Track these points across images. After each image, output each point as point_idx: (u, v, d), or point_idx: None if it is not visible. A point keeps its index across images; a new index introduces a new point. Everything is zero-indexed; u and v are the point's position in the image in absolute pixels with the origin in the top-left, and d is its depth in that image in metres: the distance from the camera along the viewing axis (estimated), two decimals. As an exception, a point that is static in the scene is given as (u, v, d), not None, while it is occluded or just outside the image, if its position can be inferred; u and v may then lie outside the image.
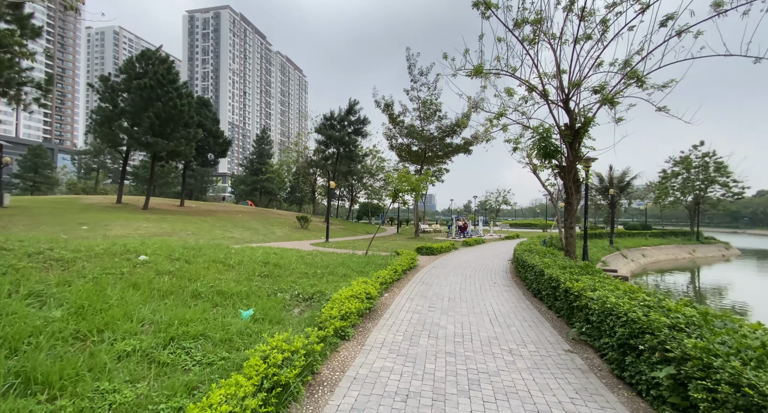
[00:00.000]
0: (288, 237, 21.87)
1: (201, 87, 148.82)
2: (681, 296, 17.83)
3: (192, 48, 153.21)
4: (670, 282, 22.46)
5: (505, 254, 16.60)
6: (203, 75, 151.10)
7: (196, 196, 62.83)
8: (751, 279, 24.06)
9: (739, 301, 16.55)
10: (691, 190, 40.32)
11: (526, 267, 8.45)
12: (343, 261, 10.39)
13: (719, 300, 16.88)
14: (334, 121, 33.59)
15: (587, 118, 8.78)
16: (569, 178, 9.09)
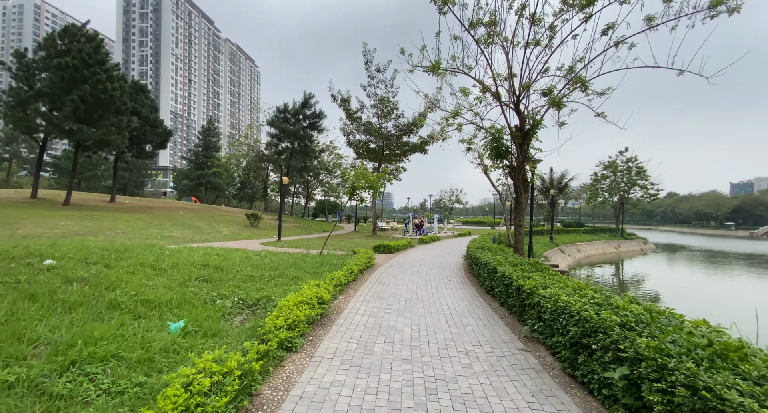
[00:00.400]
0: (235, 236, 20.44)
1: (138, 71, 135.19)
2: (610, 287, 19.73)
3: (128, 28, 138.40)
4: (599, 275, 24.76)
5: (459, 251, 17.00)
6: (141, 58, 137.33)
7: (131, 191, 56.82)
8: (662, 270, 27.36)
9: (654, 290, 18.72)
10: (617, 191, 45.18)
11: (479, 265, 8.57)
12: (296, 262, 9.80)
13: (639, 290, 18.90)
14: (288, 114, 32.12)
15: (535, 121, 9.12)
16: (519, 177, 9.40)
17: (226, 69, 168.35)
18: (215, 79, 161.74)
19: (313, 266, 9.35)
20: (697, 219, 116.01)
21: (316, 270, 8.85)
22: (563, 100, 8.33)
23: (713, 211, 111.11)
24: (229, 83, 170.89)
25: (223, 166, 39.72)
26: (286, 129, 30.60)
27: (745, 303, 16.63)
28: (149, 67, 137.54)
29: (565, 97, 8.44)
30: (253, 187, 48.55)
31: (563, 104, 8.41)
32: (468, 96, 9.84)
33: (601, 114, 9.65)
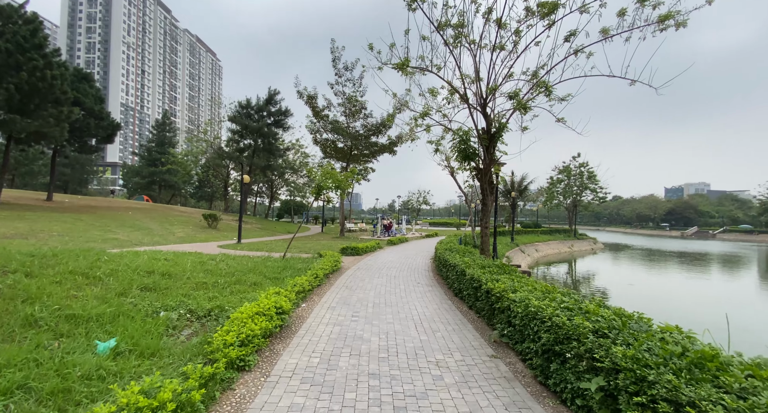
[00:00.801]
0: (191, 238, 19.06)
1: (85, 59, 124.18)
2: (563, 283, 20.85)
3: (74, 13, 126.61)
4: (556, 273, 26.10)
5: (427, 252, 17.01)
6: (88, 46, 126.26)
7: (73, 188, 51.68)
8: (610, 268, 29.38)
9: (605, 286, 20.09)
10: (570, 194, 48.16)
11: (447, 267, 8.48)
12: (255, 267, 9.16)
13: (591, 287, 20.17)
14: (251, 110, 30.67)
15: (501, 124, 9.23)
16: (485, 180, 9.47)
17: (185, 61, 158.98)
18: (172, 71, 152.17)
19: (275, 271, 8.78)
20: (638, 220, 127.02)
21: (277, 275, 8.30)
22: (528, 103, 8.48)
23: (651, 213, 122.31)
24: (187, 76, 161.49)
25: (179, 163, 37.08)
26: (249, 125, 29.19)
27: (680, 296, 18.44)
28: (97, 55, 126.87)
29: (530, 101, 8.60)
30: (213, 185, 45.97)
31: (529, 107, 8.56)
32: (436, 97, 9.77)
33: (562, 119, 9.97)
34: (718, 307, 15.45)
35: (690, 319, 12.59)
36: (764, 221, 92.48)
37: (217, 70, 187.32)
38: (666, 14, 7.69)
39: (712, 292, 19.76)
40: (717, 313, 13.90)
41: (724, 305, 16.37)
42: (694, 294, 19.04)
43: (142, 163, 48.52)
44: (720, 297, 18.28)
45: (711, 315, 13.89)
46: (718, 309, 15.14)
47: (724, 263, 33.20)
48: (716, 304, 16.30)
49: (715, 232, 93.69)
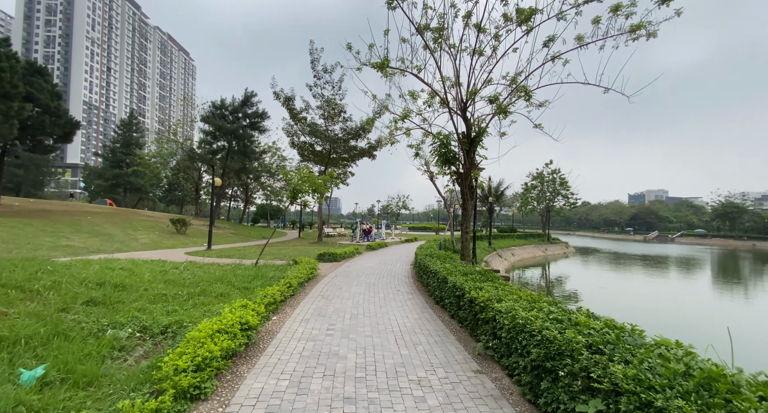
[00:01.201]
0: (156, 244, 17.89)
1: (43, 54, 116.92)
2: (540, 287, 21.28)
3: (31, 4, 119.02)
4: (531, 276, 26.67)
5: (407, 257, 16.77)
6: (47, 40, 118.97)
7: (27, 191, 47.94)
8: (582, 271, 30.37)
9: (577, 289, 20.76)
10: (544, 200, 49.76)
11: (428, 273, 8.22)
12: (224, 276, 8.54)
13: (566, 290, 20.71)
14: (225, 111, 29.54)
15: (481, 128, 9.16)
16: (466, 184, 9.34)
17: (155, 59, 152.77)
18: (141, 70, 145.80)
19: (245, 280, 8.21)
20: (605, 225, 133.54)
21: (247, 285, 7.74)
22: (508, 107, 8.44)
23: (617, 218, 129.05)
24: (158, 75, 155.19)
25: (145, 165, 35.02)
26: (223, 126, 28.06)
27: (647, 297, 19.33)
28: (57, 50, 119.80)
29: (511, 105, 8.58)
30: (184, 189, 43.90)
31: (509, 111, 8.53)
32: (416, 99, 9.60)
33: (539, 125, 10.04)
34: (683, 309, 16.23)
35: (659, 320, 13.11)
36: (716, 226, 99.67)
37: (191, 69, 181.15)
38: (637, 24, 7.89)
39: (675, 293, 20.78)
40: (683, 315, 14.69)
41: (687, 305, 17.19)
42: (659, 295, 19.95)
43: (106, 165, 45.66)
44: (682, 297, 19.21)
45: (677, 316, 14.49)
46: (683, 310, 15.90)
47: (682, 265, 35.27)
48: (681, 306, 17.12)
49: (674, 236, 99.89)
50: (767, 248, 72.54)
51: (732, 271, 31.50)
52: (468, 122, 9.23)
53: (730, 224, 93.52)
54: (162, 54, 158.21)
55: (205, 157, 27.88)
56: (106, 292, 6.09)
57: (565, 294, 19.37)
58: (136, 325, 4.90)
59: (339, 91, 24.01)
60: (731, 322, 14.19)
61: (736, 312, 16.23)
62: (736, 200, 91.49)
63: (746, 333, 11.60)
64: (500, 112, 8.39)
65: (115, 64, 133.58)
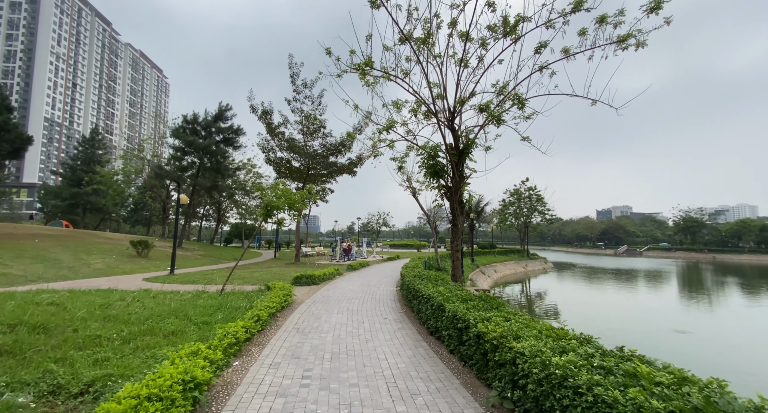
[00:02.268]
0: (111, 270, 16.02)
1: (2, 69, 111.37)
2: (518, 303, 20.83)
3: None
4: (517, 293, 26.26)
5: (391, 277, 15.80)
6: (7, 54, 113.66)
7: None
8: (562, 286, 30.36)
9: (558, 304, 20.85)
10: (521, 216, 50.59)
11: (419, 299, 7.33)
12: (180, 307, 7.28)
13: (546, 305, 20.61)
14: (197, 126, 28.12)
15: (470, 140, 8.64)
16: (455, 198, 8.70)
17: (125, 76, 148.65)
18: (110, 86, 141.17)
19: (206, 312, 6.99)
20: (578, 240, 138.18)
21: (207, 318, 6.54)
22: (500, 115, 7.98)
23: (588, 233, 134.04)
24: (128, 92, 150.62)
25: (107, 183, 32.45)
26: (195, 142, 26.57)
27: (625, 311, 19.42)
28: (18, 64, 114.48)
29: (502, 114, 8.12)
30: (151, 208, 41.17)
31: (503, 120, 8.06)
32: (401, 109, 9.03)
33: (527, 138, 9.68)
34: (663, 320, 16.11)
35: (653, 337, 12.80)
36: (678, 239, 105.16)
37: (164, 87, 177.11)
38: (626, 34, 7.75)
39: (650, 305, 21.10)
40: (661, 327, 14.68)
41: (665, 317, 17.15)
42: (635, 308, 20.17)
43: (64, 184, 42.31)
44: (656, 309, 19.27)
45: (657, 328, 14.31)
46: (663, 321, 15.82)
47: (656, 279, 36.35)
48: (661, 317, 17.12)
49: (642, 250, 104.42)
50: (726, 260, 76.94)
51: (710, 285, 32.49)
52: (456, 133, 8.70)
53: (692, 238, 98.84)
54: (133, 71, 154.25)
55: (174, 174, 26.10)
56: (19, 337, 4.78)
57: (548, 309, 19.27)
58: (46, 384, 3.69)
59: (319, 105, 23.41)
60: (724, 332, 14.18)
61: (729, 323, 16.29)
62: (695, 215, 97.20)
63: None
64: (492, 119, 7.90)
65: (81, 80, 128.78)
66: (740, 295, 25.54)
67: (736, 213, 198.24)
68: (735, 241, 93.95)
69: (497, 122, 8.10)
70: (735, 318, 17.88)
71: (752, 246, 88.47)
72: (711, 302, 22.25)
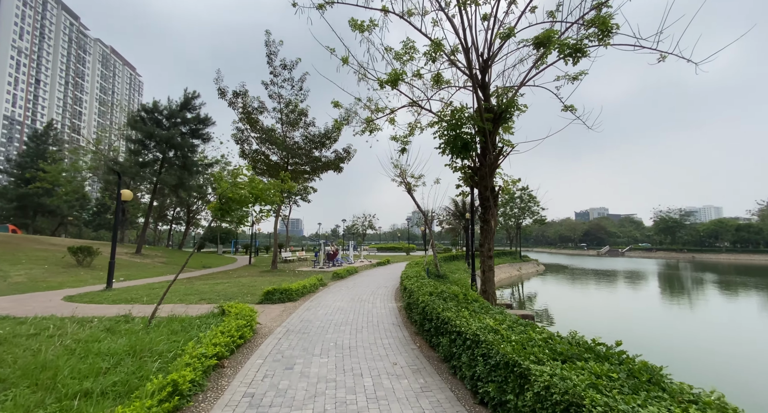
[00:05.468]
0: (32, 285, 12.64)
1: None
2: (539, 311, 18.71)
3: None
4: (516, 297, 24.12)
5: (385, 288, 13.13)
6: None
7: None
8: (562, 290, 28.56)
9: (546, 303, 19.77)
10: (513, 217, 49.07)
11: (449, 334, 4.69)
12: (63, 355, 4.39)
13: (542, 304, 19.10)
14: (159, 116, 24.66)
15: (509, 100, 6.14)
16: (488, 182, 6.15)
17: (95, 73, 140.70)
18: (77, 83, 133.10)
19: (96, 368, 4.12)
20: (560, 241, 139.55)
21: (91, 383, 3.68)
22: (582, 45, 5.44)
23: (571, 234, 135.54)
24: (98, 90, 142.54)
25: (53, 180, 28.16)
26: (156, 133, 23.13)
27: (621, 311, 18.50)
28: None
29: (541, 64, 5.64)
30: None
31: (585, 51, 5.56)
32: (413, 58, 6.41)
33: (570, 107, 7.34)
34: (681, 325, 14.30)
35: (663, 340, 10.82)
36: (658, 240, 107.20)
37: (137, 85, 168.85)
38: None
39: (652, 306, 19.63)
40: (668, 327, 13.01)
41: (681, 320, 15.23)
42: (639, 309, 19.19)
43: (10, 183, 37.48)
44: (683, 318, 17.42)
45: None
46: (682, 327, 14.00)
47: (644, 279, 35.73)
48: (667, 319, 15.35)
49: (624, 250, 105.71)
50: (705, 260, 78.18)
51: (696, 284, 31.56)
52: (486, 91, 6.18)
53: (671, 238, 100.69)
54: (103, 67, 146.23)
55: (131, 170, 22.55)
56: None
57: (540, 305, 18.20)
58: None
59: (300, 91, 20.60)
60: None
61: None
62: (674, 215, 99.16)
63: None
64: (570, 52, 5.38)
65: (45, 76, 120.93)
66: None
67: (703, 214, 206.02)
68: (712, 241, 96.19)
69: (576, 55, 5.59)
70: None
71: (728, 245, 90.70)
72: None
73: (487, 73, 6.16)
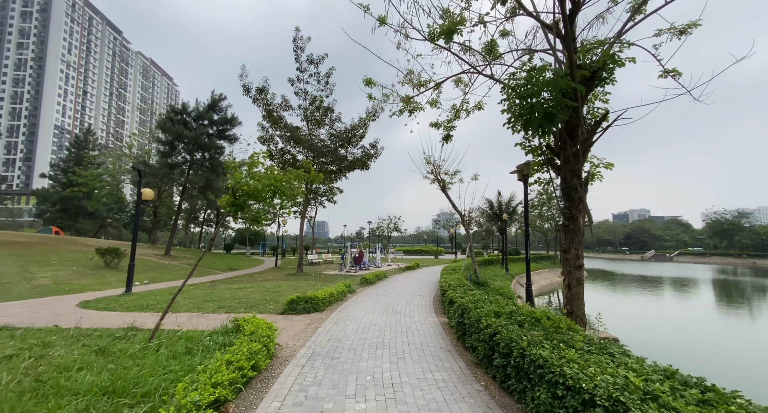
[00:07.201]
0: (55, 287, 12.24)
1: (12, 77, 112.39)
2: (604, 324, 16.24)
3: (2, 26, 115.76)
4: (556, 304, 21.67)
5: (422, 297, 11.63)
6: (18, 62, 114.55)
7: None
8: (614, 300, 25.48)
9: (604, 316, 16.40)
10: (552, 218, 45.64)
11: (543, 380, 3.17)
12: (47, 387, 3.28)
13: (595, 315, 16.47)
14: (187, 117, 24.60)
15: (604, 52, 4.51)
16: (578, 165, 4.54)
17: (136, 84, 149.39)
18: (120, 94, 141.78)
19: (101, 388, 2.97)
20: (598, 244, 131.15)
21: None
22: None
23: (611, 237, 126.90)
24: (138, 99, 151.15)
25: (90, 184, 28.97)
26: (183, 134, 23.00)
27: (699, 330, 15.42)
28: (29, 72, 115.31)
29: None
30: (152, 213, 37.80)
31: None
32: (470, 4, 4.94)
33: (673, 71, 5.59)
34: None
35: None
36: (711, 244, 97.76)
37: (174, 94, 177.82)
38: None
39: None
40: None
41: None
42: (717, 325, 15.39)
43: (52, 187, 39.40)
44: None
45: None
46: None
47: (709, 288, 31.38)
48: None
49: (672, 255, 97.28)
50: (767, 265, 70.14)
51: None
52: (574, 44, 4.60)
53: (727, 241, 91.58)
54: (144, 79, 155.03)
55: (159, 172, 22.58)
56: None
57: (629, 332, 14.71)
58: None
59: (326, 85, 19.61)
60: None
61: None
62: (729, 216, 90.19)
63: None
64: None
65: (92, 87, 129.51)
66: None
67: (759, 215, 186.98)
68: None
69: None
70: None
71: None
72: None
73: (574, 22, 4.61)
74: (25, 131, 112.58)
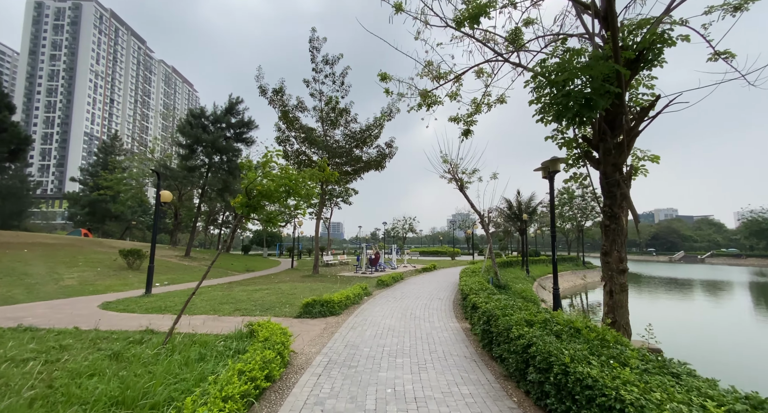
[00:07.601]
0: (81, 288, 12.51)
1: (47, 87, 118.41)
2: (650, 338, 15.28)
3: (36, 39, 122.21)
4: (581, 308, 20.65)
5: (441, 300, 11.20)
6: (51, 73, 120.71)
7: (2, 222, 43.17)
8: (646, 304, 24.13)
9: (662, 330, 14.87)
10: (573, 219, 44.06)
11: (594, 403, 2.75)
12: (58, 394, 3.14)
13: (655, 331, 14.85)
14: (205, 121, 25.03)
15: (651, 31, 4.02)
16: (620, 158, 4.06)
17: (159, 91, 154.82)
18: (144, 101, 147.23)
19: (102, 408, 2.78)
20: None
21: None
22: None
23: (635, 238, 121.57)
24: (161, 106, 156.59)
25: (115, 187, 29.99)
26: (201, 137, 23.40)
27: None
28: (61, 83, 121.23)
29: None
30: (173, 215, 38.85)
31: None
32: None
33: (726, 52, 5.01)
34: None
35: None
36: (747, 244, 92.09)
37: (194, 100, 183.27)
38: None
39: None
40: None
41: None
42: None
43: (81, 191, 41.07)
44: None
45: None
46: None
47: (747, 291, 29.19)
48: None
49: (703, 257, 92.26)
50: (813, 268, 65.34)
51: None
52: (615, 23, 4.14)
53: (766, 242, 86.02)
54: (166, 86, 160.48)
55: (178, 174, 23.06)
56: None
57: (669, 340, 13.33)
58: None
59: (342, 86, 19.46)
60: None
61: None
62: (767, 215, 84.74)
63: None
64: None
65: (118, 95, 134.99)
66: None
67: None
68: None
69: None
70: None
71: (844, 252, 75.40)
72: None
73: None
74: (58, 138, 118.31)
